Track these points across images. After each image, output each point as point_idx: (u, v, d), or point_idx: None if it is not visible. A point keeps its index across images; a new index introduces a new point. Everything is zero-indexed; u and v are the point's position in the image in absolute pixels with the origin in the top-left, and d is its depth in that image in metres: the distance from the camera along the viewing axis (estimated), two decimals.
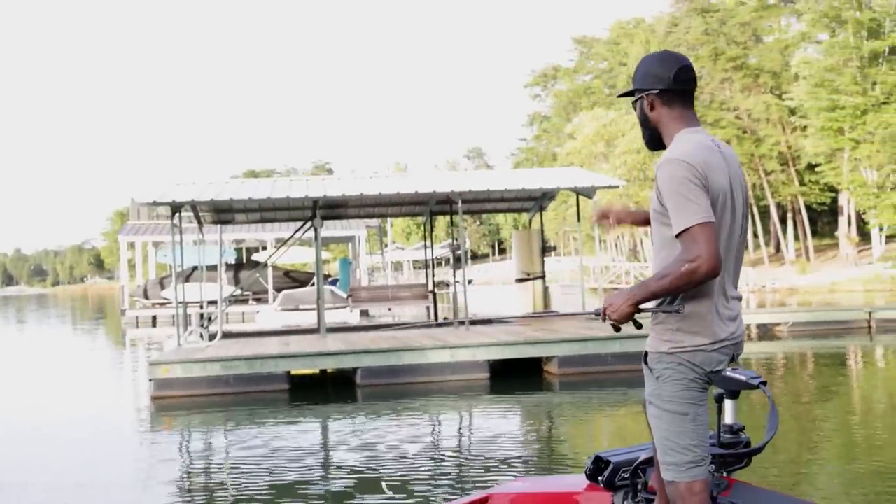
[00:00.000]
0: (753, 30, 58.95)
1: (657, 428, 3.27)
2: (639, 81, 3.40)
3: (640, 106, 3.40)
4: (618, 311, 3.16)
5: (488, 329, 17.02)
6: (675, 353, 3.22)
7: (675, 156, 3.18)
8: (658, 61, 3.39)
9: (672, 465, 3.22)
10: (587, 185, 17.91)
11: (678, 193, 3.11)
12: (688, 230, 3.06)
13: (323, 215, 20.69)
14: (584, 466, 3.85)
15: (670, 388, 3.22)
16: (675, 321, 3.22)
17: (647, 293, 3.15)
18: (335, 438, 10.48)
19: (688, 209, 3.08)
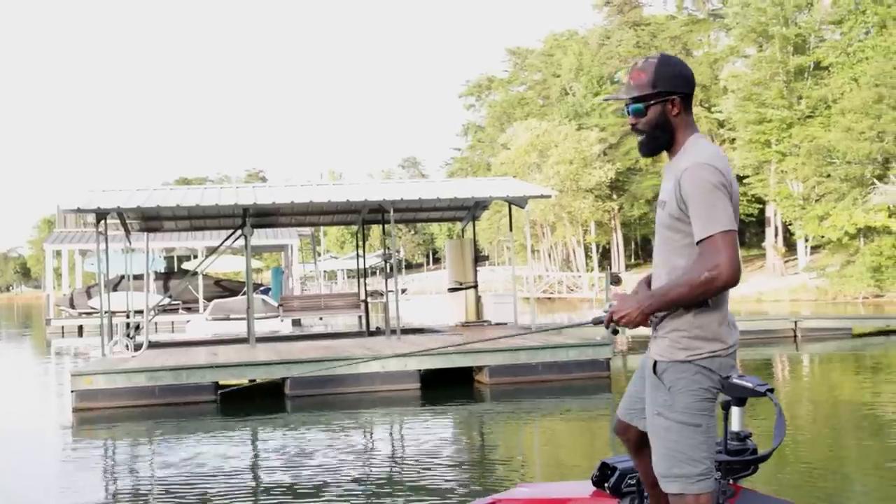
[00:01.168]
0: (683, 43, 59.94)
1: (665, 440, 3.19)
2: (668, 83, 3.26)
3: (662, 108, 3.27)
4: (631, 320, 3.15)
5: (420, 338, 16.95)
6: (693, 360, 3.18)
7: (704, 160, 3.13)
8: (682, 65, 3.32)
9: (681, 478, 3.17)
10: (519, 194, 17.95)
11: (706, 200, 3.08)
12: (711, 237, 3.05)
13: (254, 223, 20.44)
14: (591, 473, 3.86)
15: (684, 399, 3.18)
16: (691, 328, 3.18)
17: (664, 302, 3.12)
18: (263, 451, 10.30)
19: (713, 216, 3.06)
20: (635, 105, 3.30)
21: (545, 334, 17.22)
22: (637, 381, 3.58)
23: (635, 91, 3.29)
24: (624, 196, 63.03)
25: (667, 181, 3.31)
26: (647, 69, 3.28)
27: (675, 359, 3.19)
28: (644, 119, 3.29)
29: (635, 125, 3.34)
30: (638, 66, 3.32)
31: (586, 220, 62.41)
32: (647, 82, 3.27)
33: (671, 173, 3.28)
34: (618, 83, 66.33)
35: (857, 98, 39.85)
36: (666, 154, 3.41)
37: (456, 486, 7.95)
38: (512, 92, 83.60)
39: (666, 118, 3.27)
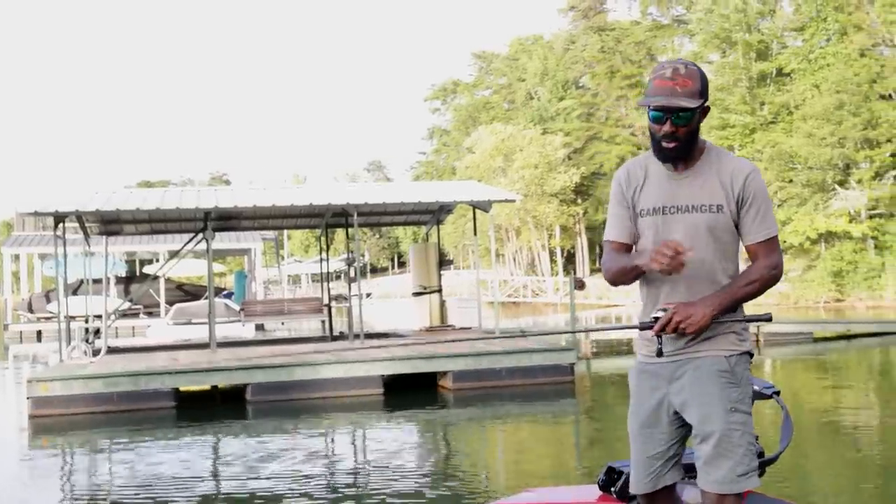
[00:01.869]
0: (648, 49, 60.29)
1: (745, 434, 3.15)
2: (706, 93, 3.20)
3: (699, 117, 3.21)
4: (699, 323, 3.07)
5: (384, 343, 16.82)
6: (750, 351, 3.28)
7: (755, 166, 3.26)
8: None
9: (755, 471, 3.18)
10: (484, 198, 17.89)
11: (769, 201, 3.24)
12: (774, 237, 3.23)
13: (216, 227, 20.21)
14: (597, 477, 3.79)
15: (749, 390, 3.24)
16: (739, 323, 3.25)
17: (734, 301, 3.16)
18: (224, 458, 10.14)
19: (773, 218, 3.25)
20: (684, 114, 3.15)
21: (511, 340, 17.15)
22: (647, 436, 3.33)
23: (686, 98, 3.13)
24: (588, 200, 63.24)
25: (696, 185, 3.22)
26: (694, 78, 3.16)
27: (743, 350, 3.24)
28: (686, 128, 3.17)
29: (674, 132, 3.16)
30: (681, 72, 3.16)
31: (551, 225, 62.54)
32: (697, 91, 3.16)
33: (706, 177, 3.22)
34: (582, 87, 66.65)
35: (818, 104, 40.25)
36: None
37: (420, 494, 7.85)
38: (477, 96, 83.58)
39: (698, 126, 3.23)
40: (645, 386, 3.32)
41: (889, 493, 7.44)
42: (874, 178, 39.17)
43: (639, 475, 3.34)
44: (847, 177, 41.16)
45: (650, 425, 3.30)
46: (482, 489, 8.13)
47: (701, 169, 3.23)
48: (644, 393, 3.32)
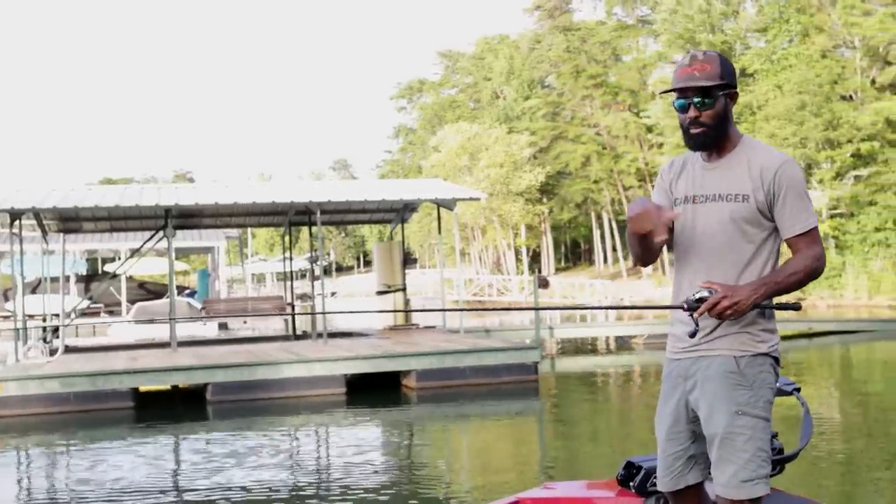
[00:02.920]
0: (613, 49, 60.46)
1: (753, 440, 3.08)
2: (731, 76, 3.23)
3: (726, 100, 3.21)
4: (741, 309, 3.02)
5: (347, 342, 16.70)
6: (770, 352, 3.16)
7: (791, 158, 3.21)
8: (732, 63, 3.32)
9: (764, 479, 3.09)
10: (448, 196, 17.82)
11: (805, 194, 3.17)
12: (815, 229, 3.16)
13: (177, 225, 20.00)
14: (617, 472, 3.78)
15: (765, 393, 3.13)
16: (765, 321, 3.17)
17: (778, 290, 3.11)
18: (180, 459, 9.98)
19: (811, 209, 3.19)
20: (701, 97, 3.18)
21: (475, 338, 17.10)
22: (669, 434, 3.31)
23: (704, 80, 3.17)
24: (554, 200, 63.37)
25: (727, 175, 3.23)
26: (712, 61, 3.20)
27: (758, 351, 3.14)
28: (709, 111, 3.19)
29: (697, 118, 3.19)
30: (699, 58, 3.21)
31: (516, 224, 62.58)
32: (716, 73, 3.18)
33: (737, 166, 3.22)
34: (548, 87, 66.77)
35: (780, 105, 40.54)
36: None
37: (381, 495, 7.76)
38: (443, 95, 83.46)
39: (726, 111, 3.23)
40: (668, 383, 3.31)
41: (850, 487, 7.45)
42: (835, 179, 39.53)
43: (662, 473, 3.33)
44: (809, 177, 41.52)
45: (672, 423, 3.29)
46: (443, 489, 8.05)
47: (732, 159, 3.24)
48: (667, 390, 3.32)
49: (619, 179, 57.46)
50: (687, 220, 3.27)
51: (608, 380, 16.90)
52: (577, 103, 60.07)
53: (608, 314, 38.30)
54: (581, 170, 58.68)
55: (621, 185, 57.56)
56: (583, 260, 75.24)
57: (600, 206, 61.05)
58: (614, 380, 16.85)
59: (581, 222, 68.15)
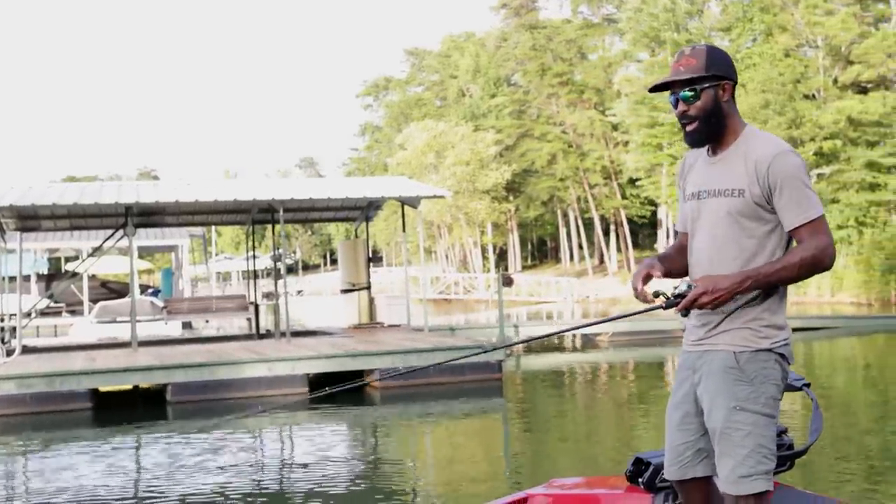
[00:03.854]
0: (579, 47, 60.61)
1: (751, 436, 3.06)
2: (720, 68, 3.17)
3: (714, 94, 3.16)
4: (721, 298, 3.03)
5: (310, 341, 16.55)
6: (773, 349, 3.13)
7: (787, 148, 3.12)
8: (728, 55, 3.25)
9: (764, 475, 3.07)
10: (412, 194, 17.72)
11: (803, 184, 3.08)
12: (815, 220, 3.06)
13: (138, 223, 19.73)
14: (626, 468, 3.77)
15: (767, 390, 3.10)
16: (770, 316, 3.13)
17: (765, 283, 3.06)
18: (143, 462, 9.81)
19: (812, 199, 3.08)
20: (686, 92, 3.18)
21: (439, 336, 17.02)
22: (678, 425, 3.31)
23: (687, 74, 3.17)
24: (520, 197, 63.45)
25: (726, 169, 3.20)
26: (698, 55, 3.19)
27: (760, 347, 3.11)
28: (697, 105, 3.17)
29: (686, 112, 3.19)
30: (686, 53, 3.21)
31: (483, 222, 62.61)
32: (700, 66, 3.16)
33: (735, 160, 3.18)
34: (514, 85, 66.85)
35: (744, 103, 40.77)
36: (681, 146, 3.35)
37: (345, 497, 7.65)
38: (409, 92, 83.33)
39: (718, 104, 3.18)
40: (680, 374, 3.32)
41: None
42: None
43: (669, 461, 3.34)
44: None
45: (682, 414, 3.29)
46: (406, 489, 7.96)
47: (732, 153, 3.21)
48: (679, 381, 3.33)
49: (585, 177, 57.62)
50: (694, 216, 3.29)
51: (573, 378, 16.89)
52: (543, 101, 60.17)
53: (574, 311, 38.39)
54: (547, 168, 58.79)
55: (587, 183, 57.74)
56: (549, 258, 75.44)
57: (566, 203, 61.20)
58: (579, 378, 16.84)
59: (547, 220, 68.32)
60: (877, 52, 37.99)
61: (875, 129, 38.34)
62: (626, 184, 56.76)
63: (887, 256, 34.99)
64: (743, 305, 3.11)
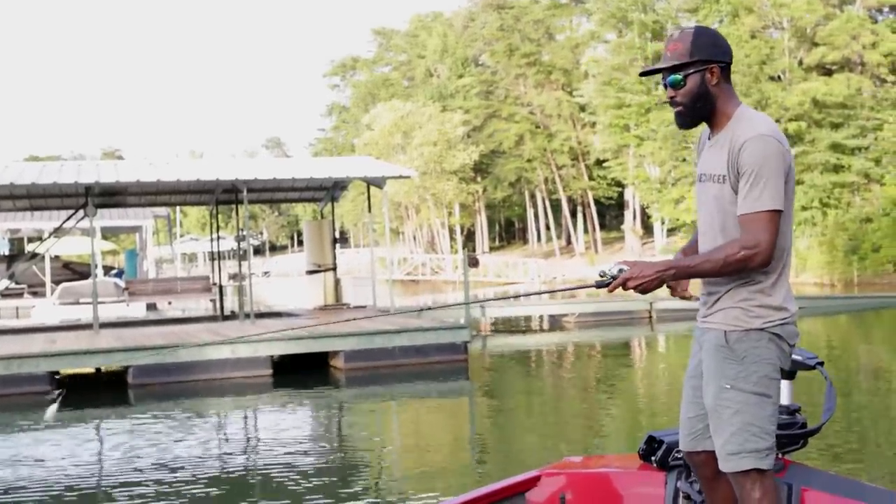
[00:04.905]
0: (546, 27, 60.49)
1: (740, 413, 3.08)
2: (705, 51, 3.14)
3: (699, 78, 3.14)
4: (647, 287, 3.05)
5: (274, 323, 16.41)
6: (766, 328, 3.11)
7: (767, 132, 3.04)
8: (719, 35, 3.21)
9: (754, 453, 3.07)
10: (377, 174, 17.58)
11: (765, 172, 3.00)
12: (758, 214, 3.00)
13: (100, 203, 19.50)
14: (638, 446, 3.80)
15: (759, 369, 3.09)
16: (763, 297, 3.11)
17: (687, 274, 3.10)
18: (104, 446, 9.66)
19: (766, 193, 3.00)
20: (673, 76, 3.17)
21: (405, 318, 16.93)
22: (690, 397, 3.35)
23: (673, 61, 3.17)
24: (488, 178, 63.38)
25: (717, 153, 3.18)
26: (684, 39, 3.17)
27: (751, 327, 3.10)
28: (683, 90, 3.17)
29: (674, 98, 3.19)
30: (674, 37, 3.21)
31: (450, 202, 62.49)
32: (686, 51, 3.15)
33: (723, 145, 3.16)
34: (482, 65, 66.64)
35: None
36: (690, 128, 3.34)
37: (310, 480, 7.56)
38: (377, 72, 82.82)
39: (706, 88, 3.16)
40: (693, 348, 3.37)
41: None
42: None
43: (682, 433, 3.38)
44: None
45: (692, 387, 3.33)
46: (370, 471, 7.89)
47: (722, 136, 3.18)
48: (691, 354, 3.37)
49: (552, 158, 57.63)
50: (698, 199, 3.30)
51: (539, 359, 16.88)
52: (510, 82, 60.05)
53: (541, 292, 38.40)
54: (515, 149, 58.73)
55: (555, 164, 57.76)
56: (517, 239, 75.53)
57: (534, 184, 61.22)
58: (544, 358, 16.83)
59: (515, 201, 68.30)
60: (841, 33, 38.19)
61: (839, 110, 38.59)
62: (593, 165, 56.84)
63: (850, 237, 35.30)
64: (737, 286, 3.12)
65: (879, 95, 39.29)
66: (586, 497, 3.93)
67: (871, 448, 8.20)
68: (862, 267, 32.48)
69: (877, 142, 37.64)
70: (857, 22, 38.89)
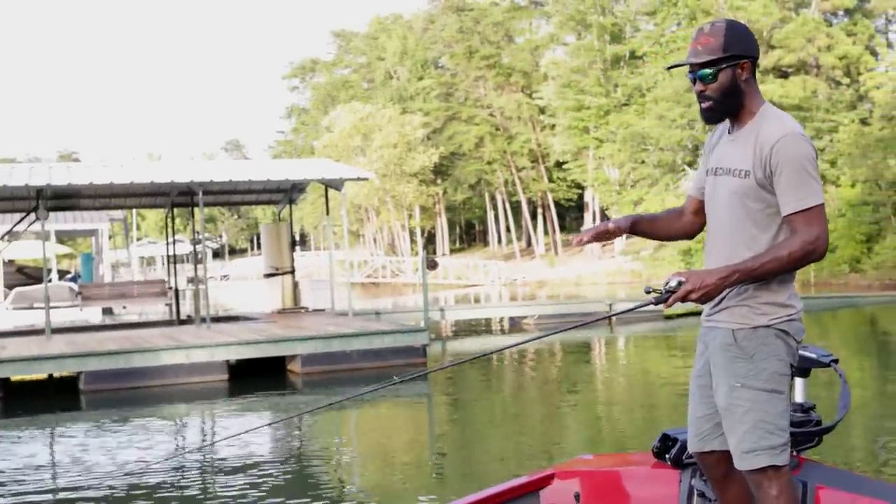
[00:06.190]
0: (506, 30, 60.61)
1: (753, 411, 3.08)
2: (738, 46, 3.13)
3: (732, 73, 3.13)
4: (710, 295, 3.02)
5: (231, 327, 16.20)
6: (773, 325, 3.11)
7: (798, 132, 3.07)
8: (748, 31, 3.19)
9: (769, 450, 3.07)
10: (335, 177, 17.42)
11: (804, 170, 3.02)
12: (811, 209, 3.02)
13: (52, 206, 19.16)
14: (652, 444, 3.80)
15: (769, 365, 3.10)
16: (768, 294, 3.11)
17: (752, 276, 3.04)
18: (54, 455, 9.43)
19: (811, 188, 3.02)
20: (704, 70, 3.15)
21: (363, 321, 16.81)
22: (697, 397, 3.36)
23: (705, 56, 3.14)
24: (448, 181, 63.35)
25: (740, 148, 3.18)
26: (716, 33, 3.15)
27: (758, 324, 3.11)
28: (714, 85, 3.15)
29: (703, 92, 3.18)
30: (705, 31, 3.18)
31: (410, 205, 62.38)
32: (718, 46, 3.13)
33: (747, 140, 3.16)
34: (441, 67, 66.60)
35: (669, 87, 41.20)
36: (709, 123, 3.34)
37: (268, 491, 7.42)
38: (336, 75, 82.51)
39: (736, 83, 3.15)
40: (698, 348, 3.39)
41: None
42: None
43: (690, 433, 3.39)
44: (696, 158, 42.36)
45: (699, 387, 3.35)
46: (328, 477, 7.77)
47: (746, 132, 3.18)
48: (697, 354, 3.39)
49: (512, 160, 57.72)
50: (710, 192, 3.29)
51: (499, 361, 16.81)
52: (470, 84, 60.06)
53: (501, 295, 38.44)
54: (475, 151, 58.75)
55: (514, 167, 57.86)
56: (477, 241, 75.57)
57: (494, 187, 61.27)
58: (504, 361, 16.77)
59: (475, 203, 68.34)
60: (797, 36, 38.61)
61: (795, 112, 38.96)
62: (553, 167, 57.01)
63: None
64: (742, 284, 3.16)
65: (835, 98, 39.76)
66: (600, 495, 3.95)
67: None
68: (818, 267, 32.78)
69: (832, 144, 38.07)
70: (813, 25, 39.35)
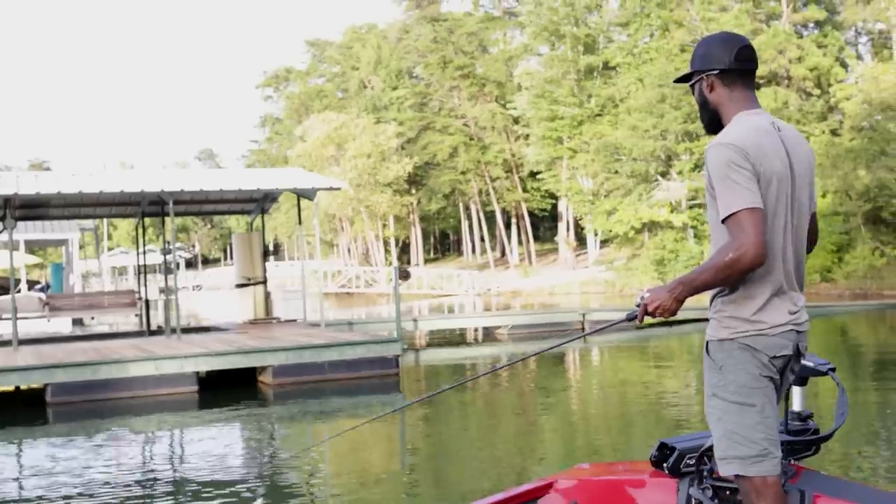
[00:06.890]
0: (480, 40, 60.74)
1: (721, 420, 3.15)
2: (697, 63, 3.29)
3: (699, 88, 3.30)
4: (666, 308, 3.11)
5: (201, 338, 16.03)
6: (736, 338, 3.13)
7: (723, 140, 3.10)
8: (718, 42, 3.28)
9: (737, 459, 3.11)
10: (308, 186, 17.31)
11: (726, 178, 3.03)
12: (733, 216, 3.00)
13: (21, 216, 18.93)
14: (650, 453, 3.80)
15: (736, 377, 3.12)
16: (733, 307, 3.13)
17: (692, 288, 3.09)
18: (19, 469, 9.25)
19: (734, 194, 3.00)
20: (686, 85, 3.38)
21: (335, 331, 16.68)
22: None
23: (683, 73, 3.37)
24: (422, 190, 63.31)
25: None
26: (693, 51, 3.34)
27: (720, 337, 3.16)
28: (694, 98, 3.36)
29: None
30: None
31: (384, 215, 62.24)
32: (690, 63, 3.34)
33: None
34: (416, 77, 66.61)
35: (642, 97, 41.35)
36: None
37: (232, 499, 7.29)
38: (310, 84, 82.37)
39: (704, 97, 3.29)
40: None
41: None
42: (693, 170, 40.57)
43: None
44: (669, 168, 42.52)
45: None
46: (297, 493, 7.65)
47: None
48: None
49: (486, 170, 57.76)
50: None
51: (471, 371, 16.73)
52: (444, 94, 60.11)
53: (475, 304, 38.37)
54: (449, 161, 58.75)
55: (489, 176, 57.89)
56: (452, 251, 75.59)
57: (468, 196, 61.28)
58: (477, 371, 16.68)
59: (449, 213, 68.33)
60: (768, 48, 38.86)
61: None
62: (526, 177, 57.10)
63: None
64: (718, 296, 3.18)
65: (805, 109, 40.04)
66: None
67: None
68: None
69: None
70: (784, 37, 39.65)
